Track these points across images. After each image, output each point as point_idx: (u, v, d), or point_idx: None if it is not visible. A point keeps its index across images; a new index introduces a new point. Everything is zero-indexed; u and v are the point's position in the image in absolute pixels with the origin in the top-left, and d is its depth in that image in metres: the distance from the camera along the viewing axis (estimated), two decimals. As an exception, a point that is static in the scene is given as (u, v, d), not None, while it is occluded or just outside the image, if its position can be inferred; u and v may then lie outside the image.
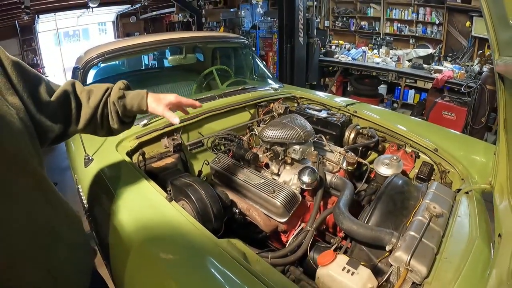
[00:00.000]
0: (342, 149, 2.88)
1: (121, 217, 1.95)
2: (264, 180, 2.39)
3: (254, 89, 4.03)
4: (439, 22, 10.10)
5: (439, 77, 7.84)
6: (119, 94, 1.63)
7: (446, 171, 2.69)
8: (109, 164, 2.39)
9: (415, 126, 3.25)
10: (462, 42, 9.72)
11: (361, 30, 12.16)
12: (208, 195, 2.17)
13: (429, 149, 2.83)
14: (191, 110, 2.94)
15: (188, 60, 4.26)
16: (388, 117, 3.48)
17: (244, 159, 2.67)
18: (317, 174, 2.26)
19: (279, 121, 2.70)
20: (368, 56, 9.84)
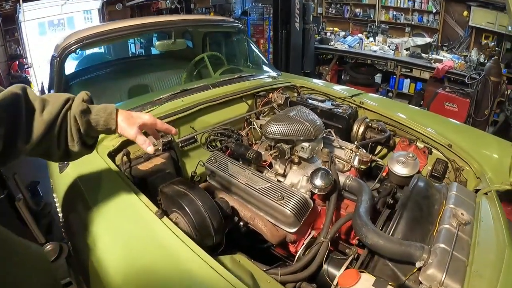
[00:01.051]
0: (353, 146, 2.66)
1: (101, 239, 1.64)
2: (270, 183, 2.13)
3: (251, 78, 3.71)
4: (436, 10, 10.12)
5: (440, 66, 7.66)
6: (82, 107, 1.36)
7: (460, 168, 2.54)
8: (87, 169, 2.10)
9: (424, 119, 3.05)
10: (458, 32, 9.57)
11: (356, 18, 11.89)
12: (206, 207, 1.86)
13: (442, 144, 2.67)
14: (181, 102, 2.79)
15: (177, 46, 3.84)
16: (396, 109, 3.27)
17: (245, 158, 2.42)
18: (332, 177, 2.03)
19: (285, 114, 2.43)
20: (365, 44, 9.87)
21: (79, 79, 3.95)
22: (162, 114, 2.66)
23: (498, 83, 6.42)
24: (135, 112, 1.52)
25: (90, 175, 2.06)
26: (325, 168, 2.14)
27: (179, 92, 3.06)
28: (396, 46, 9.14)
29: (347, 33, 11.11)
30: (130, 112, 1.50)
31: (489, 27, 8.42)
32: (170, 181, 2.07)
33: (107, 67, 4.65)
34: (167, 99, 2.92)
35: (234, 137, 2.82)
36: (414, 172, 2.25)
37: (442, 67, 7.58)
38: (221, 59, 4.25)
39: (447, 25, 9.99)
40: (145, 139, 1.50)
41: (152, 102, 2.88)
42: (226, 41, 4.96)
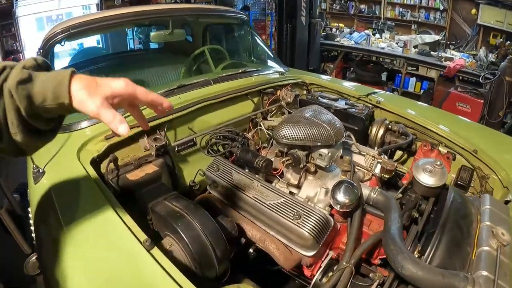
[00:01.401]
0: (375, 152, 2.38)
1: (74, 277, 1.31)
2: (284, 198, 1.87)
3: (257, 73, 3.42)
4: (443, 8, 9.72)
5: (451, 65, 7.36)
6: (20, 76, 0.90)
7: (486, 177, 2.33)
8: (65, 180, 1.82)
9: (445, 120, 2.84)
10: (466, 30, 9.36)
11: (361, 14, 11.29)
12: (207, 232, 1.55)
13: (467, 149, 2.47)
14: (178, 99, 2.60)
15: (175, 37, 3.47)
16: (415, 109, 3.04)
17: (252, 166, 2.14)
18: (358, 192, 1.76)
19: (300, 115, 2.14)
20: (372, 40, 9.55)
21: None
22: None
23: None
24: (106, 78, 1.01)
25: (67, 188, 1.79)
26: (349, 180, 1.89)
27: (176, 88, 2.74)
28: (404, 43, 8.84)
29: (352, 30, 10.87)
30: (95, 78, 0.99)
31: (497, 25, 8.16)
32: (164, 197, 1.77)
33: (102, 61, 4.41)
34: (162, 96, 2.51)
35: (239, 140, 2.50)
36: (442, 183, 1.98)
37: (454, 65, 7.33)
38: (222, 53, 3.95)
39: (454, 23, 9.67)
40: (114, 114, 0.97)
41: None
42: (229, 34, 4.70)
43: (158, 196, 1.81)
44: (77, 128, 2.26)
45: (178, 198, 1.81)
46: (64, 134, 2.19)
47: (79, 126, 2.27)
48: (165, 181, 2.28)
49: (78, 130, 2.25)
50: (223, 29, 4.71)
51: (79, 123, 2.27)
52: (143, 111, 1.22)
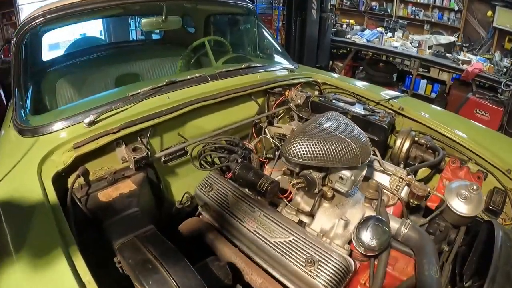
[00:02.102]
0: (403, 172, 2.02)
1: None
2: (294, 235, 1.56)
3: (262, 69, 3.01)
4: (458, 8, 9.32)
5: (470, 69, 6.89)
6: None
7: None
8: (18, 201, 1.53)
9: (475, 133, 2.55)
10: (480, 33, 8.98)
11: (371, 11, 11.30)
12: None
13: (499, 168, 2.20)
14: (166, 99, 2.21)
15: (170, 24, 3.09)
16: (442, 118, 2.69)
17: (254, 189, 1.75)
18: (389, 234, 1.49)
19: (316, 125, 1.73)
20: (385, 39, 9.09)
21: (58, 66, 3.38)
22: (137, 116, 2.02)
23: (538, 91, 5.79)
24: None
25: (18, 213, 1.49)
26: (377, 216, 1.56)
27: (165, 84, 2.33)
28: (419, 43, 8.48)
29: (363, 27, 10.50)
30: None
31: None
32: (135, 234, 1.44)
33: (98, 51, 4.08)
34: (147, 95, 2.20)
35: (238, 153, 2.00)
36: (478, 212, 1.76)
37: (472, 69, 6.85)
38: (225, 45, 3.61)
39: (468, 25, 9.32)
40: None
41: (125, 99, 2.14)
42: (233, 25, 4.31)
43: (129, 231, 1.48)
44: (47, 132, 1.90)
45: (154, 237, 1.48)
46: (31, 139, 1.87)
47: (50, 128, 1.90)
48: (147, 200, 1.96)
49: (48, 134, 1.89)
50: (227, 20, 4.42)
51: (51, 125, 1.91)
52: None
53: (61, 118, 1.93)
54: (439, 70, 8.10)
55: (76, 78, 3.10)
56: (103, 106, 2.04)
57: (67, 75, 3.07)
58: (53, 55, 4.08)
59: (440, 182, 2.28)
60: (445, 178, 2.29)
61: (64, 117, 1.95)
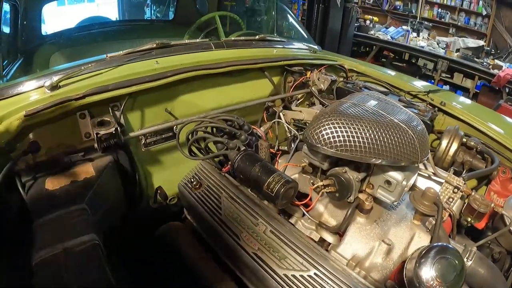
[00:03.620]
0: (459, 180, 1.61)
1: None
2: (316, 267, 1.07)
3: (280, 44, 2.57)
4: (486, 13, 9.00)
5: (502, 74, 6.50)
6: None
7: None
8: None
9: None
10: (508, 40, 8.66)
11: (395, 11, 10.61)
12: None
13: None
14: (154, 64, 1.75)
15: None
16: (489, 119, 2.29)
17: (261, 191, 1.25)
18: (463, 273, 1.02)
19: (358, 103, 1.28)
20: (411, 38, 8.76)
21: (56, 39, 3.11)
22: (114, 81, 1.61)
23: None
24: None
25: None
26: (445, 245, 1.07)
27: (156, 47, 1.88)
28: (446, 44, 8.08)
29: (388, 25, 10.17)
30: None
31: None
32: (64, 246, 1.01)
33: (99, 29, 3.82)
34: (130, 58, 1.76)
35: (242, 138, 1.50)
36: None
37: (504, 75, 6.44)
38: (238, 22, 3.22)
39: (495, 31, 9.01)
40: None
41: (102, 60, 1.72)
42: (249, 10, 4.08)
43: (58, 239, 1.01)
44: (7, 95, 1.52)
45: (89, 258, 1.01)
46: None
47: (9, 92, 1.53)
48: (112, 195, 1.52)
49: (4, 99, 1.51)
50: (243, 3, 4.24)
51: (10, 88, 1.54)
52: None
53: (24, 81, 1.57)
54: (463, 76, 7.79)
55: (73, 52, 2.74)
56: (72, 67, 1.63)
57: (64, 49, 2.79)
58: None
59: (488, 196, 1.93)
60: (493, 191, 1.96)
61: (28, 79, 1.58)
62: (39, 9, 2.68)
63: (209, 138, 1.50)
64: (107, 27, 4.08)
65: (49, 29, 3.17)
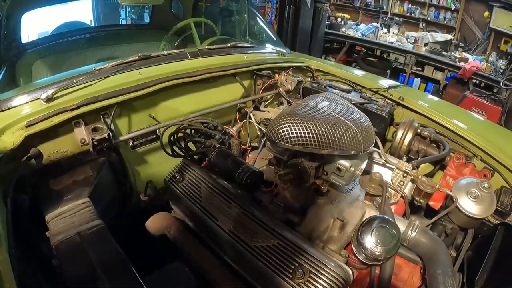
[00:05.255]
0: (408, 165, 1.84)
1: None
2: (279, 238, 1.28)
3: (250, 50, 2.78)
4: (454, 8, 9.25)
5: (467, 67, 6.81)
6: None
7: None
8: None
9: (480, 128, 2.38)
10: (476, 33, 8.81)
11: (367, 8, 10.75)
12: None
13: (507, 167, 2.03)
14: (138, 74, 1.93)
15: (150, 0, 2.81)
16: (446, 111, 2.48)
17: (232, 179, 1.49)
18: (399, 239, 1.23)
19: (310, 104, 1.49)
20: (381, 34, 9.02)
21: (37, 48, 3.17)
22: (103, 92, 1.77)
23: (538, 92, 5.74)
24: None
25: None
26: (384, 217, 1.30)
27: (138, 59, 2.06)
28: (415, 39, 8.43)
29: (358, 22, 10.36)
30: None
31: (510, 31, 7.75)
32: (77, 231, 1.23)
33: (78, 35, 3.88)
34: (116, 70, 1.94)
35: (216, 137, 1.76)
36: (490, 212, 1.64)
37: (470, 67, 6.75)
38: (212, 28, 3.47)
39: (464, 25, 9.26)
40: None
41: (91, 73, 1.87)
42: (223, 9, 4.25)
43: (71, 226, 1.23)
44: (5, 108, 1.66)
45: (100, 236, 1.23)
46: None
47: (6, 105, 1.66)
48: (108, 191, 1.73)
49: (3, 111, 1.64)
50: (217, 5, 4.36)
51: (8, 101, 1.67)
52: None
53: (19, 94, 1.70)
54: (434, 69, 8.06)
55: (55, 60, 2.92)
56: (64, 80, 1.79)
57: (45, 57, 2.92)
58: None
59: (444, 180, 2.10)
60: (449, 175, 2.11)
61: (23, 92, 1.72)
62: (20, 17, 2.73)
63: (189, 138, 1.74)
64: (86, 33, 4.09)
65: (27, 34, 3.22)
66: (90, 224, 1.26)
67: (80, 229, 1.21)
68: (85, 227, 1.23)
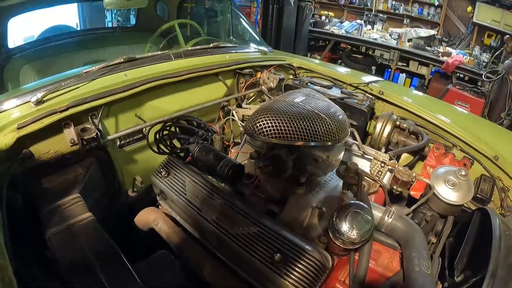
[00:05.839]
0: (385, 156, 1.91)
1: None
2: (259, 226, 1.35)
3: (233, 50, 2.85)
4: (438, 3, 9.37)
5: (450, 61, 6.91)
6: None
7: (506, 189, 1.97)
8: None
9: (459, 119, 2.44)
10: (460, 28, 8.93)
11: (351, 5, 10.74)
12: None
13: (486, 156, 2.09)
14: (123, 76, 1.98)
15: (136, 3, 2.84)
16: (425, 104, 2.55)
17: (214, 173, 1.54)
18: (372, 223, 1.28)
19: (286, 100, 1.53)
20: (364, 30, 9.10)
21: (24, 52, 3.18)
22: (91, 93, 1.81)
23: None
24: None
25: None
26: (358, 203, 1.34)
27: (123, 61, 2.10)
28: (398, 35, 8.54)
29: (343, 19, 10.43)
30: None
31: (493, 25, 7.84)
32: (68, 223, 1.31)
33: (64, 39, 3.88)
34: (102, 72, 1.98)
35: (199, 133, 1.83)
36: (468, 199, 1.63)
37: (452, 61, 6.86)
38: (197, 29, 3.50)
39: (448, 20, 9.37)
40: None
41: (78, 76, 1.92)
42: (208, 10, 4.25)
43: (64, 219, 1.30)
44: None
45: (91, 227, 1.30)
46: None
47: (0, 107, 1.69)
48: (97, 188, 1.77)
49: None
50: (201, 6, 4.34)
51: (1, 104, 1.70)
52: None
53: (9, 98, 1.74)
54: (418, 64, 8.11)
55: (42, 64, 2.93)
56: (53, 84, 1.84)
57: (33, 62, 2.93)
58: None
59: (424, 170, 2.15)
60: (429, 165, 2.17)
61: (13, 96, 1.75)
62: (6, 23, 2.74)
63: (173, 136, 1.81)
64: (72, 37, 4.08)
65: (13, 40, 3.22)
66: (81, 217, 1.32)
67: (71, 222, 1.27)
68: (76, 220, 1.29)
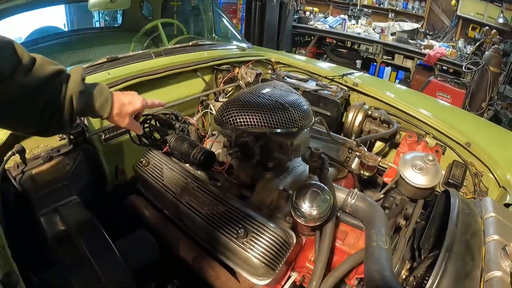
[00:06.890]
0: (352, 142, 2.00)
1: None
2: (226, 206, 1.45)
3: (212, 47, 2.96)
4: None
5: (432, 53, 7.04)
6: (81, 87, 1.11)
7: (479, 174, 2.05)
8: None
9: (432, 108, 2.50)
10: (444, 21, 9.10)
11: (336, 0, 10.99)
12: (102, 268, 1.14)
13: (459, 142, 2.17)
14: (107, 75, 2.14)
15: (119, 5, 2.92)
16: (399, 94, 2.66)
17: (189, 160, 1.65)
18: (330, 201, 1.35)
19: (253, 92, 1.62)
20: (348, 25, 9.14)
21: None
22: None
23: (498, 74, 5.90)
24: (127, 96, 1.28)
25: None
26: (318, 183, 1.42)
27: (106, 61, 2.24)
28: (381, 29, 8.63)
29: (327, 14, 10.42)
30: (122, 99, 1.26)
31: (477, 18, 7.96)
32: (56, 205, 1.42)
33: (51, 40, 3.99)
34: (86, 72, 2.08)
35: (176, 125, 1.88)
36: (435, 183, 1.60)
37: (434, 53, 7.00)
38: (179, 28, 3.60)
39: (432, 13, 9.50)
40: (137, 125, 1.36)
41: None
42: (191, 11, 4.31)
43: (52, 202, 1.44)
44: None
45: (74, 208, 1.43)
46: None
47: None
48: (83, 178, 1.85)
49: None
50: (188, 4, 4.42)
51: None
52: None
53: None
54: (404, 57, 8.18)
55: None
56: None
57: None
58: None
59: (397, 157, 2.25)
60: (401, 152, 2.26)
61: None
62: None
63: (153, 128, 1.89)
64: (59, 38, 4.16)
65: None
66: (67, 199, 1.44)
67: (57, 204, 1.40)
68: (62, 203, 1.42)
